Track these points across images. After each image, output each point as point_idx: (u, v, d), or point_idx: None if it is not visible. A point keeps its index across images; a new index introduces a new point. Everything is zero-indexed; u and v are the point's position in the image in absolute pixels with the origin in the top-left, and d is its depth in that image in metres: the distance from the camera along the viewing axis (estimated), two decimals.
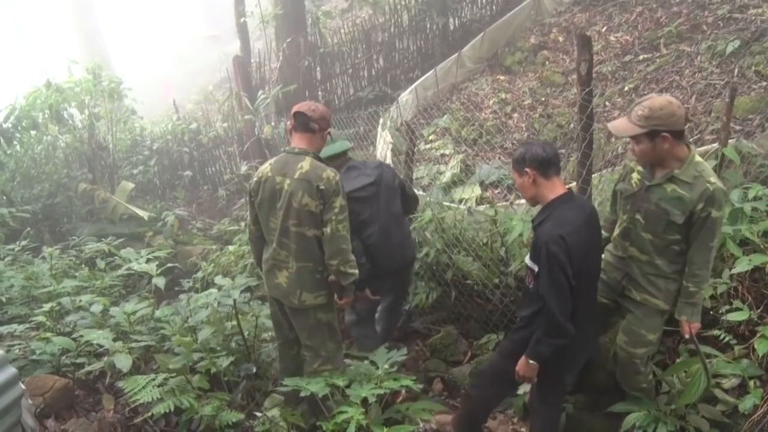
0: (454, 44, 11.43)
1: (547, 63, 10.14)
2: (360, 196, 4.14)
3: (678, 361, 3.59)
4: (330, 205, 3.49)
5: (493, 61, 10.94)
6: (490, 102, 9.60)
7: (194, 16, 30.47)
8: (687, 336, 3.18)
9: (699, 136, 6.59)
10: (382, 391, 3.34)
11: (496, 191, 7.35)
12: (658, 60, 8.54)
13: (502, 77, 10.31)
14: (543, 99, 9.27)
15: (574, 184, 4.26)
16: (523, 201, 5.38)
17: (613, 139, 7.46)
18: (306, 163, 3.54)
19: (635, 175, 3.26)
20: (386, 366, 3.56)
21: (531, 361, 3.08)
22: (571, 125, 8.14)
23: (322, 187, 3.47)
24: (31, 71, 24.22)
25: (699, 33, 8.61)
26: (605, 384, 3.76)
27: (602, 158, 6.74)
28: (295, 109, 3.66)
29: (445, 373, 4.68)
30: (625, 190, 3.34)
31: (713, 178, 2.97)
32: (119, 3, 32.32)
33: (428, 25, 11.57)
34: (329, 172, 3.52)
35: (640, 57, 8.91)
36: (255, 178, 3.66)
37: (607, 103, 8.32)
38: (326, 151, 4.13)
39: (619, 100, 8.29)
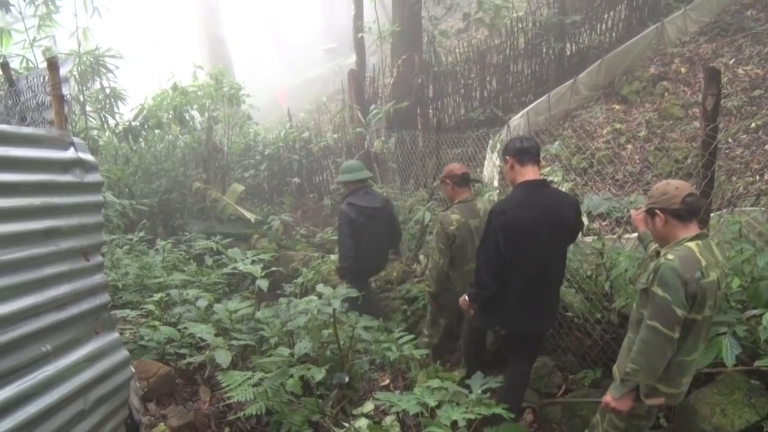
0: (569, 70, 11.19)
1: (666, 94, 9.73)
2: (369, 213, 5.64)
3: None
4: None
5: (609, 89, 10.61)
6: (604, 131, 9.31)
7: (312, 28, 31.47)
8: (603, 406, 3.13)
9: None
10: (472, 416, 3.28)
11: (604, 223, 7.11)
12: None
13: (617, 106, 9.98)
14: (660, 131, 8.89)
15: None
16: (632, 235, 5.20)
17: (734, 179, 7.06)
18: (480, 203, 4.90)
19: None
20: (479, 391, 3.51)
21: (465, 297, 4.03)
22: (689, 160, 7.77)
23: None
24: (160, 74, 25.75)
25: None
26: None
27: (721, 197, 6.38)
28: (463, 171, 4.82)
29: (537, 405, 4.54)
30: None
31: (671, 255, 2.87)
32: (245, 13, 33.84)
33: (544, 50, 11.38)
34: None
35: None
36: (452, 228, 4.62)
37: (730, 140, 7.89)
38: (357, 175, 5.75)
39: (745, 137, 7.84)
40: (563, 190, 7.53)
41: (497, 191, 6.40)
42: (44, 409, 2.37)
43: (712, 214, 4.12)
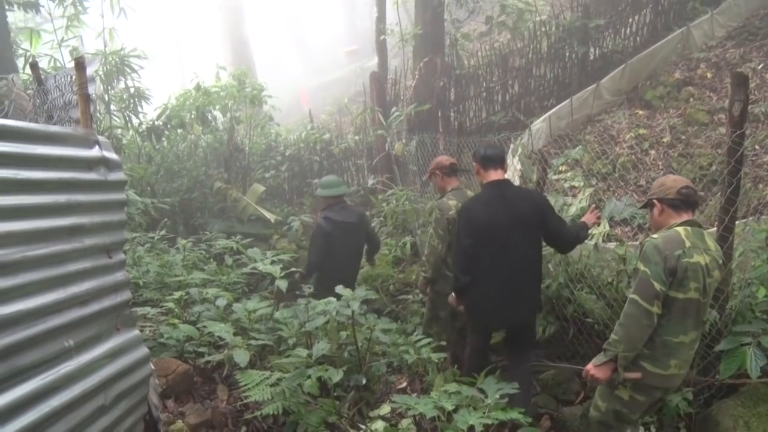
0: (592, 74, 11.08)
1: (691, 100, 9.60)
2: (344, 227, 5.85)
3: None
4: None
5: (633, 94, 10.49)
6: (627, 137, 9.22)
7: (335, 30, 31.57)
8: (584, 373, 3.33)
9: None
10: (489, 421, 3.26)
11: (626, 229, 7.05)
12: None
13: (641, 112, 9.87)
14: (684, 137, 8.78)
15: (714, 229, 4.00)
16: None
17: (760, 186, 6.96)
18: (470, 191, 5.16)
19: None
20: (496, 396, 3.49)
21: (452, 294, 4.39)
22: (713, 167, 7.67)
23: None
24: (184, 75, 25.97)
25: None
26: None
27: (747, 205, 6.28)
28: (450, 161, 5.13)
29: (554, 411, 4.51)
30: None
31: (656, 235, 3.14)
32: (268, 15, 34.01)
33: (567, 54, 11.27)
34: None
35: None
36: (451, 212, 4.78)
37: (757, 147, 7.77)
38: (334, 191, 6.00)
39: None
40: (585, 195, 7.49)
41: None
42: (66, 403, 2.40)
43: (737, 222, 4.05)
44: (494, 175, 4.19)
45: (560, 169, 8.51)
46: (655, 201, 3.25)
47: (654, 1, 11.69)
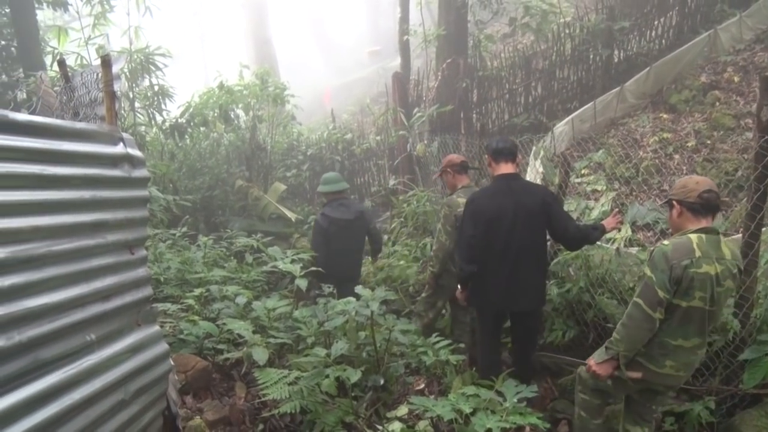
0: (616, 77, 10.97)
1: (717, 104, 9.45)
2: (341, 224, 5.99)
3: None
4: None
5: (658, 97, 10.35)
6: (650, 140, 9.11)
7: (358, 30, 31.61)
8: (586, 369, 3.45)
9: None
10: (507, 425, 3.24)
11: (648, 234, 6.97)
12: None
13: (665, 115, 9.75)
14: (709, 142, 8.66)
15: (739, 236, 3.94)
16: None
17: None
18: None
19: None
20: (514, 400, 3.47)
21: (459, 286, 4.57)
22: (739, 173, 7.55)
23: None
24: (207, 73, 26.17)
25: None
26: None
27: None
28: (461, 159, 5.27)
29: (572, 416, 4.47)
30: None
31: (667, 241, 3.10)
32: (291, 14, 34.18)
33: (591, 56, 11.17)
34: None
35: None
36: (460, 209, 4.73)
37: None
38: (333, 187, 6.17)
39: None
40: (607, 198, 7.44)
41: None
42: (87, 396, 2.42)
43: (763, 229, 3.99)
44: (504, 168, 4.30)
45: (582, 172, 8.45)
46: (674, 202, 3.19)
47: (680, 3, 11.54)
